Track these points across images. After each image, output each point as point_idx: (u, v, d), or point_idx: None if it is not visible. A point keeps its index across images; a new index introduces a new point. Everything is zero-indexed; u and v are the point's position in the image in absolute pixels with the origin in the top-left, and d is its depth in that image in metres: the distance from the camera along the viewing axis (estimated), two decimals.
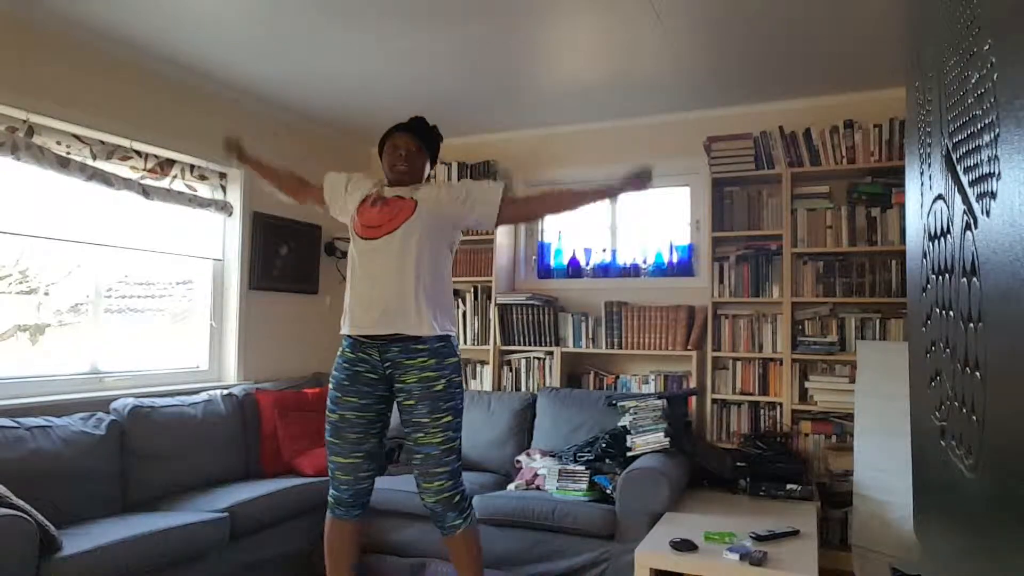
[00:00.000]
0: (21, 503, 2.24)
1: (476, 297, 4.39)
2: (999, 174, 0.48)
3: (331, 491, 2.40)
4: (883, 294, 3.52)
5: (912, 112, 0.87)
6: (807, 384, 3.65)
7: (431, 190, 2.43)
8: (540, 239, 4.59)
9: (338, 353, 2.41)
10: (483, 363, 4.38)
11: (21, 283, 3.20)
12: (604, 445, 3.40)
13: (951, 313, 0.63)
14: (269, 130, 4.21)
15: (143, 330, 3.64)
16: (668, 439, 3.27)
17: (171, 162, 3.68)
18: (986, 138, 0.51)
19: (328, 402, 2.37)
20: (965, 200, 0.58)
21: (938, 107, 0.69)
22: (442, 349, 2.31)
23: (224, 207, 3.93)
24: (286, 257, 4.27)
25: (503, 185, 2.43)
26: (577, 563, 2.99)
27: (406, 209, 2.35)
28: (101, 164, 3.29)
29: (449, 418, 2.28)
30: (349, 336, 2.37)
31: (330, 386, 2.38)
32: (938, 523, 0.73)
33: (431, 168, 2.57)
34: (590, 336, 4.15)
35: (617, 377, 4.14)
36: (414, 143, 2.44)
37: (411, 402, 2.28)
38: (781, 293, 3.71)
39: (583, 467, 3.28)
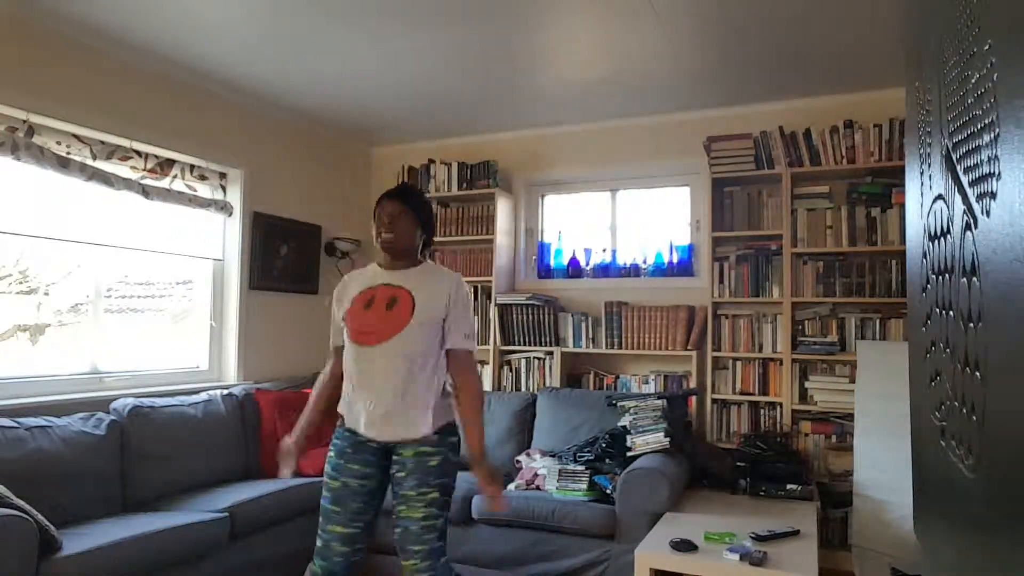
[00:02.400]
0: (21, 503, 2.24)
1: (476, 297, 4.39)
2: (999, 174, 0.48)
3: (320, 562, 2.20)
4: (883, 294, 3.52)
5: (912, 112, 0.87)
6: (807, 384, 3.65)
7: (428, 284, 2.26)
8: (540, 239, 4.59)
9: (338, 424, 2.29)
10: (483, 363, 4.38)
11: (21, 283, 3.20)
12: (604, 445, 3.40)
13: (951, 313, 0.63)
14: (269, 130, 4.21)
15: (143, 330, 3.64)
16: (668, 439, 3.27)
17: (171, 162, 3.68)
18: (986, 138, 0.51)
19: (328, 470, 2.25)
20: (965, 200, 0.58)
21: (938, 107, 0.69)
22: (444, 428, 2.24)
23: (224, 207, 3.93)
24: (286, 257, 4.27)
25: (462, 337, 2.28)
26: (577, 563, 2.99)
27: (403, 308, 2.20)
28: (101, 164, 3.29)
29: (436, 495, 2.18)
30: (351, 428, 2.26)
31: (330, 455, 2.26)
32: (938, 523, 0.73)
33: (424, 237, 2.39)
34: (590, 336, 4.15)
35: (617, 377, 4.14)
36: (399, 207, 2.29)
37: (402, 474, 2.19)
38: (781, 293, 3.71)
39: (583, 467, 3.28)
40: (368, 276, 2.35)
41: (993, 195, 0.49)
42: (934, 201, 0.71)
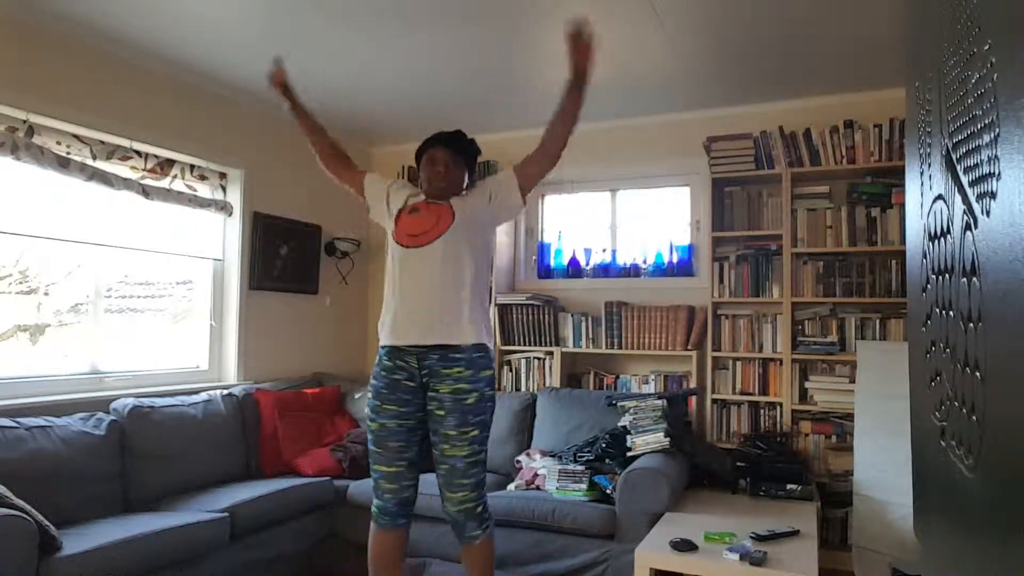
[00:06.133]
0: (21, 503, 2.24)
1: None
2: (999, 174, 0.48)
3: (375, 501, 2.35)
4: (883, 294, 3.52)
5: (912, 112, 0.87)
6: (807, 384, 3.65)
7: (466, 198, 2.44)
8: (540, 239, 4.59)
9: (376, 361, 2.38)
10: None
11: (21, 283, 3.20)
12: (604, 445, 3.40)
13: (951, 313, 0.63)
14: (269, 130, 4.21)
15: (143, 330, 3.64)
16: (668, 439, 3.27)
17: (171, 162, 3.68)
18: (986, 138, 0.51)
19: (368, 411, 2.35)
20: (965, 200, 0.58)
21: (938, 107, 0.69)
22: (479, 360, 2.29)
23: (224, 207, 3.93)
24: (286, 257, 4.27)
25: (510, 168, 2.48)
26: (577, 563, 2.99)
27: (445, 216, 2.35)
28: (101, 164, 3.29)
29: (476, 432, 2.26)
30: (389, 345, 2.34)
31: (369, 395, 2.35)
32: (938, 523, 0.73)
33: (469, 179, 2.55)
34: (590, 336, 4.14)
35: (617, 377, 4.14)
36: (452, 156, 2.43)
37: (441, 412, 2.25)
38: (781, 293, 3.71)
39: (583, 467, 3.28)
40: (414, 192, 2.50)
41: (993, 195, 0.49)
42: (934, 201, 0.71)
